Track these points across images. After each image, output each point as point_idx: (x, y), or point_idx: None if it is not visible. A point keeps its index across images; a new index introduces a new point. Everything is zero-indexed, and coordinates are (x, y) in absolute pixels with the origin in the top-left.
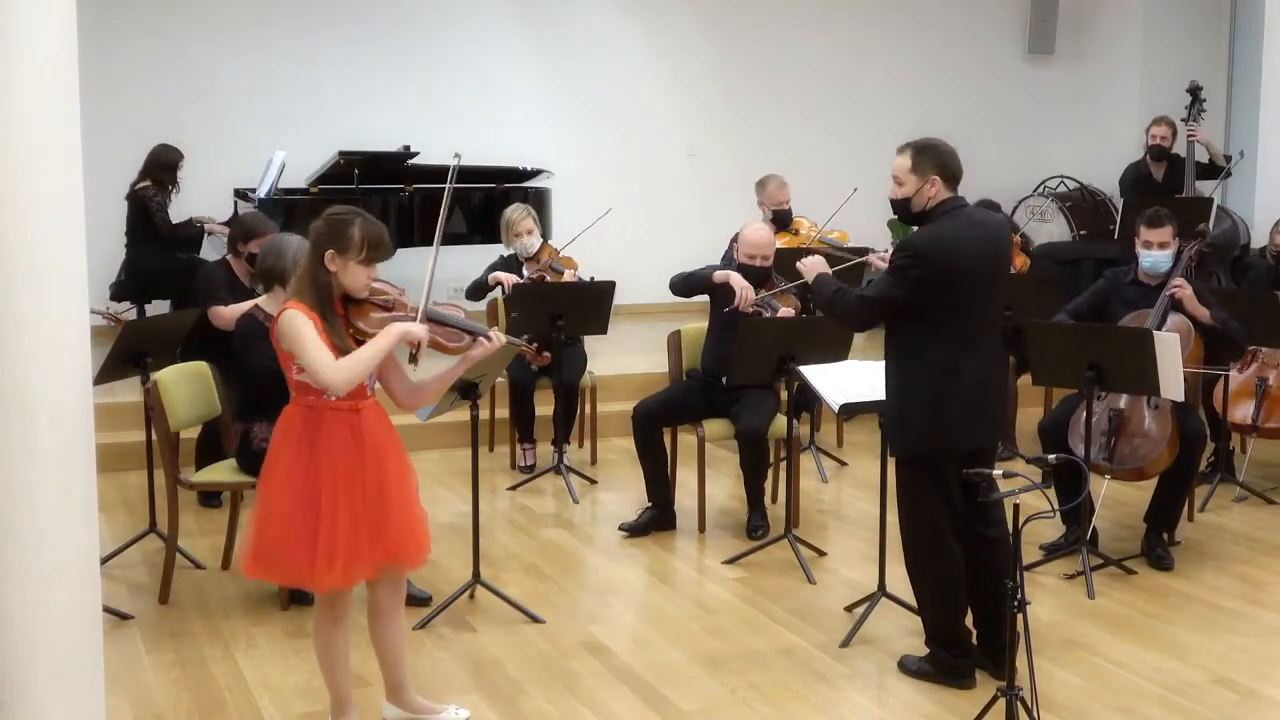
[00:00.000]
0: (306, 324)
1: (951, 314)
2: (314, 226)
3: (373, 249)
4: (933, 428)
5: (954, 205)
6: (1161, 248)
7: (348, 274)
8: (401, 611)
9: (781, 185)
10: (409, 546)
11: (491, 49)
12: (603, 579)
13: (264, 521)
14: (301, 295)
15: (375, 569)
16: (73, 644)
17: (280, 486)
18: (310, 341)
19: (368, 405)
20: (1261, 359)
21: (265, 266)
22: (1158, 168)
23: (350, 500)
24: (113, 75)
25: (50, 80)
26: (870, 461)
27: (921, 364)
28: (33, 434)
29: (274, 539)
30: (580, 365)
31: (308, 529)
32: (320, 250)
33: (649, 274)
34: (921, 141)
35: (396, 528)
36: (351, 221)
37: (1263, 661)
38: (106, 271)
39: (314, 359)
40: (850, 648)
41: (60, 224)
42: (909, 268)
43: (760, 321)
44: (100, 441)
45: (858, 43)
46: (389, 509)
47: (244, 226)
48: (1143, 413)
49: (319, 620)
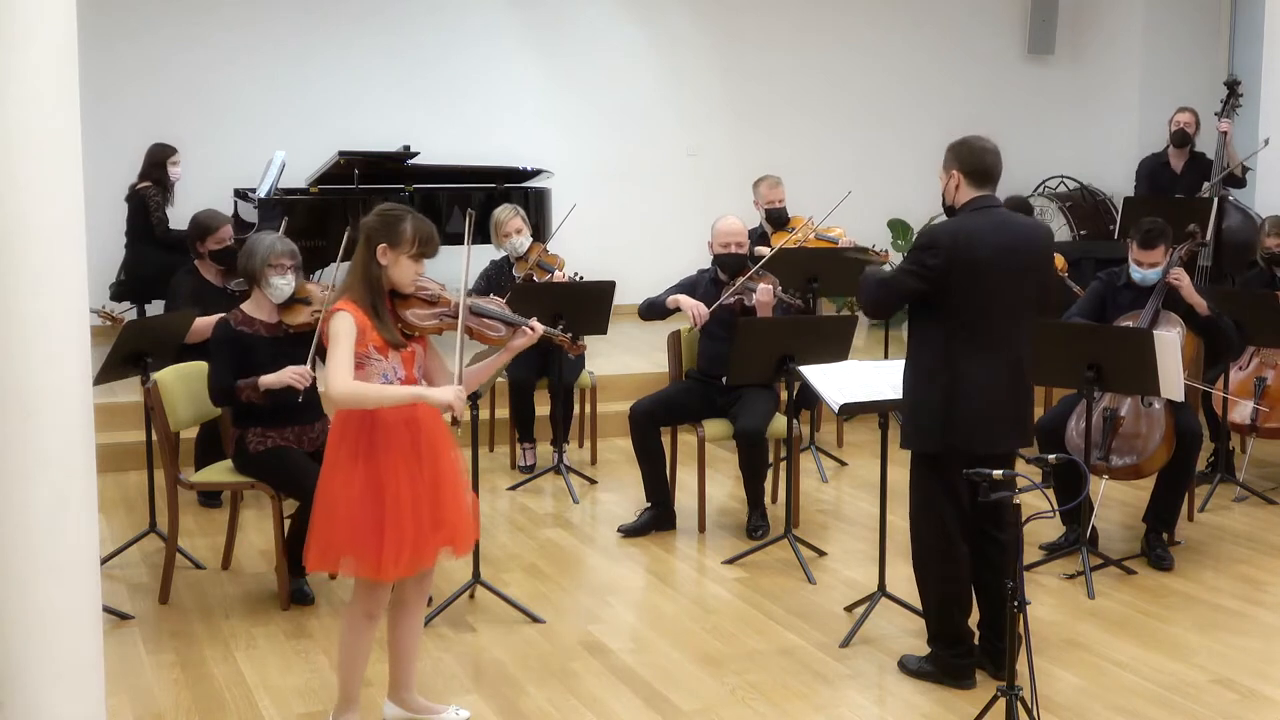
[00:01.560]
0: (348, 329)
1: (969, 312)
2: (365, 222)
3: (423, 244)
4: (945, 427)
5: (984, 204)
6: (1152, 267)
7: (398, 268)
8: (423, 608)
9: (774, 185)
10: (463, 532)
11: (491, 49)
12: (602, 579)
13: (328, 516)
14: (353, 290)
15: (434, 556)
16: (73, 644)
17: (344, 483)
18: (341, 348)
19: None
20: (1260, 358)
21: (241, 267)
22: (1178, 157)
23: (413, 490)
24: (112, 75)
25: (50, 80)
26: (870, 461)
27: (936, 361)
28: (33, 434)
29: (342, 533)
30: (578, 365)
31: (375, 521)
32: (373, 244)
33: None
34: (957, 140)
35: (452, 514)
36: (403, 217)
37: (1263, 661)
38: (107, 271)
39: (335, 363)
40: (850, 648)
41: (60, 224)
42: (925, 256)
43: (760, 321)
44: (100, 441)
45: (858, 43)
46: (444, 496)
47: (197, 226)
48: (1138, 411)
49: (353, 615)
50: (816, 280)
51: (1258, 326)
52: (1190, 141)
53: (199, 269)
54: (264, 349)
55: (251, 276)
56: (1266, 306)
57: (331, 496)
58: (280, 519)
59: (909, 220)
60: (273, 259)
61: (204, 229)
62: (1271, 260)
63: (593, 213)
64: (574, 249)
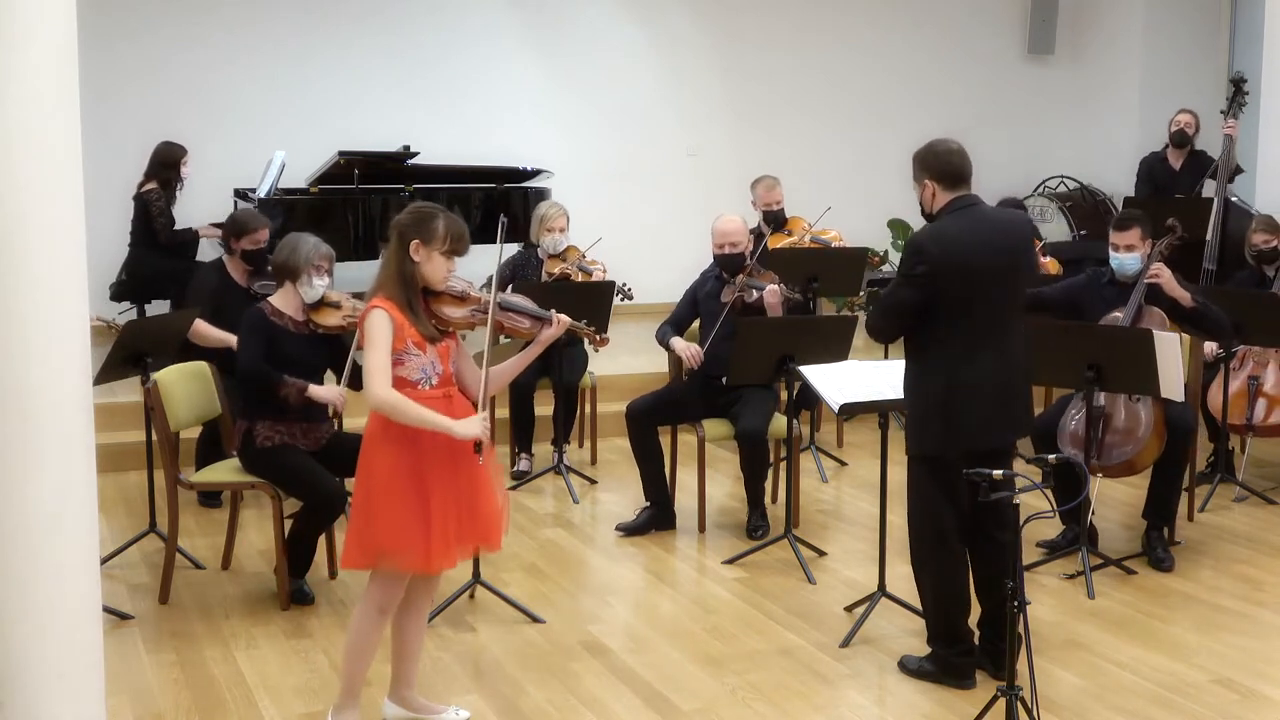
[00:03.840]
0: (385, 329)
1: (962, 312)
2: (398, 220)
3: (455, 241)
4: (947, 429)
5: (961, 204)
6: (1129, 250)
7: (430, 264)
8: (429, 607)
9: (771, 187)
10: (495, 528)
11: (491, 49)
12: (602, 579)
13: (369, 514)
14: (386, 287)
15: (472, 551)
16: (73, 644)
17: (386, 480)
18: (380, 347)
19: (455, 392)
20: (1253, 359)
21: (279, 261)
22: (1176, 156)
23: (455, 485)
24: (113, 75)
25: (50, 80)
26: (870, 461)
27: (934, 362)
28: (33, 434)
29: (386, 529)
30: (580, 365)
31: (421, 516)
32: (406, 241)
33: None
34: (920, 149)
35: (485, 510)
36: (436, 215)
37: (1263, 661)
38: (107, 272)
39: (374, 364)
40: (850, 648)
41: (60, 225)
42: (914, 265)
43: (760, 321)
44: (100, 441)
45: (858, 43)
46: (482, 493)
47: (236, 223)
48: (1125, 407)
49: (366, 610)
50: (816, 280)
51: (1253, 326)
52: (1189, 142)
53: (226, 266)
54: (291, 344)
55: (291, 272)
56: (1261, 305)
57: (373, 492)
58: (280, 519)
59: (909, 220)
60: (316, 259)
61: (242, 227)
62: (1260, 258)
63: (593, 213)
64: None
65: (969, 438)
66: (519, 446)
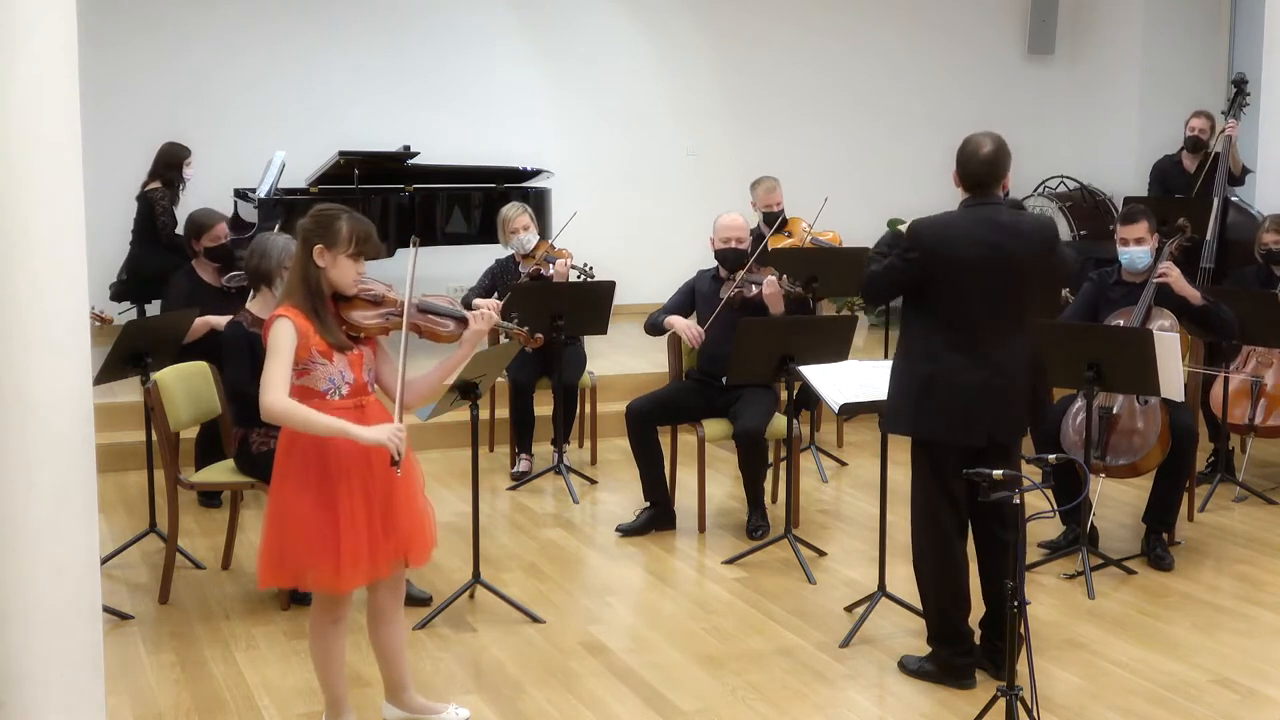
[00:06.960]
0: (285, 339)
1: (948, 306)
2: (301, 224)
3: (361, 243)
4: (918, 416)
5: (974, 203)
6: (1138, 243)
7: (337, 269)
8: (401, 612)
9: (771, 189)
10: (417, 542)
11: (491, 49)
12: (602, 579)
13: (280, 530)
14: (292, 295)
15: (390, 566)
16: (73, 644)
17: (295, 493)
18: (278, 357)
19: (370, 402)
20: (1257, 359)
21: (251, 267)
22: (1191, 159)
23: (366, 498)
24: (113, 75)
25: (50, 81)
26: (870, 461)
27: (917, 352)
28: (33, 434)
29: (295, 546)
30: (580, 365)
31: (330, 532)
32: (309, 246)
33: (649, 274)
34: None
35: (404, 523)
36: (338, 216)
37: (1263, 661)
38: (108, 271)
39: (269, 374)
40: (850, 648)
41: (60, 224)
42: (906, 247)
43: (760, 321)
44: (100, 441)
45: (858, 42)
46: (397, 505)
47: (192, 224)
48: (1133, 409)
49: (316, 622)
50: (816, 280)
51: (1255, 325)
52: (1204, 147)
53: (195, 268)
54: None
55: (265, 276)
56: (1265, 305)
57: (282, 509)
58: None
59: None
60: (287, 260)
61: (199, 227)
62: (1269, 257)
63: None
64: (574, 249)
65: (935, 430)
66: (519, 447)
